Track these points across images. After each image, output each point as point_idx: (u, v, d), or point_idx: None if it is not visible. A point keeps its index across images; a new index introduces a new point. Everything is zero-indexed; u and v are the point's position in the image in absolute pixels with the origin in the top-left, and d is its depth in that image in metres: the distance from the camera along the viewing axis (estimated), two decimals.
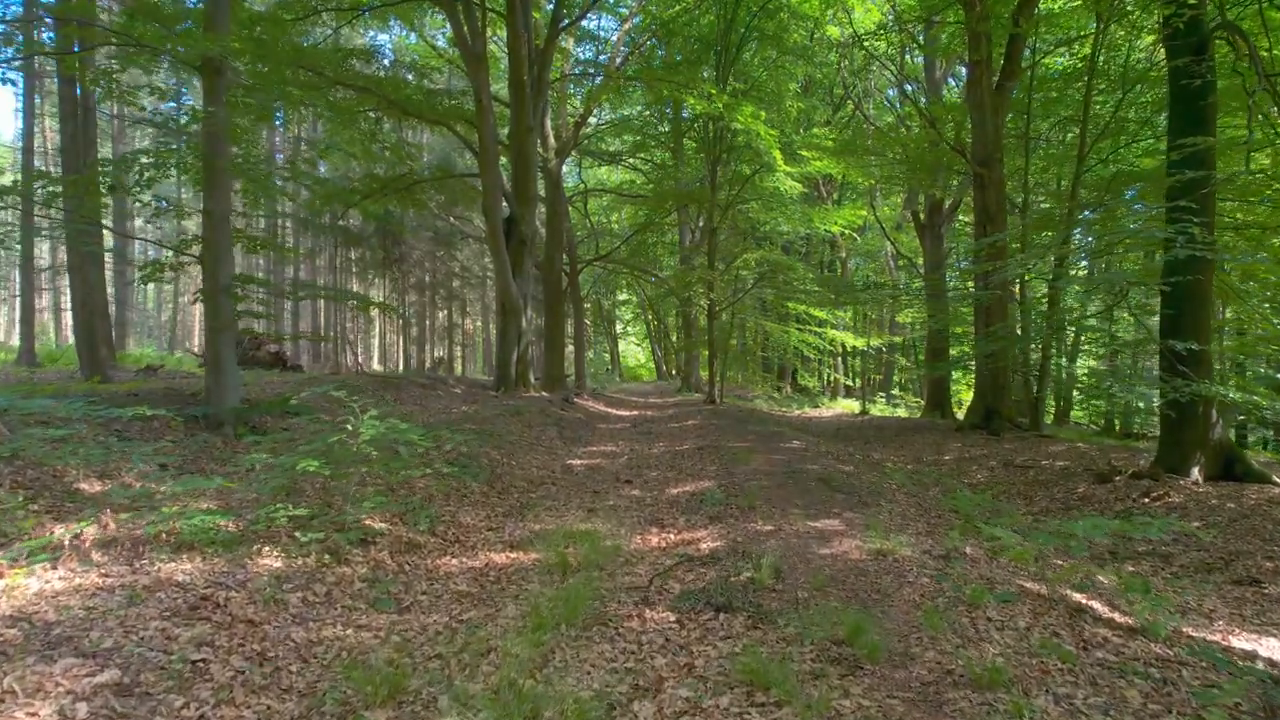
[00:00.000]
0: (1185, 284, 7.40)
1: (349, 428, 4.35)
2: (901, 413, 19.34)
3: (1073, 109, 14.13)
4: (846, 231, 20.43)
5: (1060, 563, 4.73)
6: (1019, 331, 12.08)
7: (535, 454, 8.61)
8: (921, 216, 18.23)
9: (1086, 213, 12.79)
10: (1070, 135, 14.98)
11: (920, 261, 19.17)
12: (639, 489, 6.81)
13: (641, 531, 5.21)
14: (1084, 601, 3.88)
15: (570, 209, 25.95)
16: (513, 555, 4.59)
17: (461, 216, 21.03)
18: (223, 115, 6.58)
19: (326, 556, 3.96)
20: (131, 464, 5.02)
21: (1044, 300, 14.09)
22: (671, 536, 5.04)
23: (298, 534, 3.98)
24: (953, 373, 18.66)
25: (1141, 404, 16.41)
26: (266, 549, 3.89)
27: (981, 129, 13.08)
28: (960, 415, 18.33)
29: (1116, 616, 3.69)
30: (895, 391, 21.40)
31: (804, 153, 16.66)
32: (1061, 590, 4.02)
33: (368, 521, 4.66)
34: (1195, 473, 7.63)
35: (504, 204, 15.06)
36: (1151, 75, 12.99)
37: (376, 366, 33.94)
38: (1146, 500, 7.11)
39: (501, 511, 5.79)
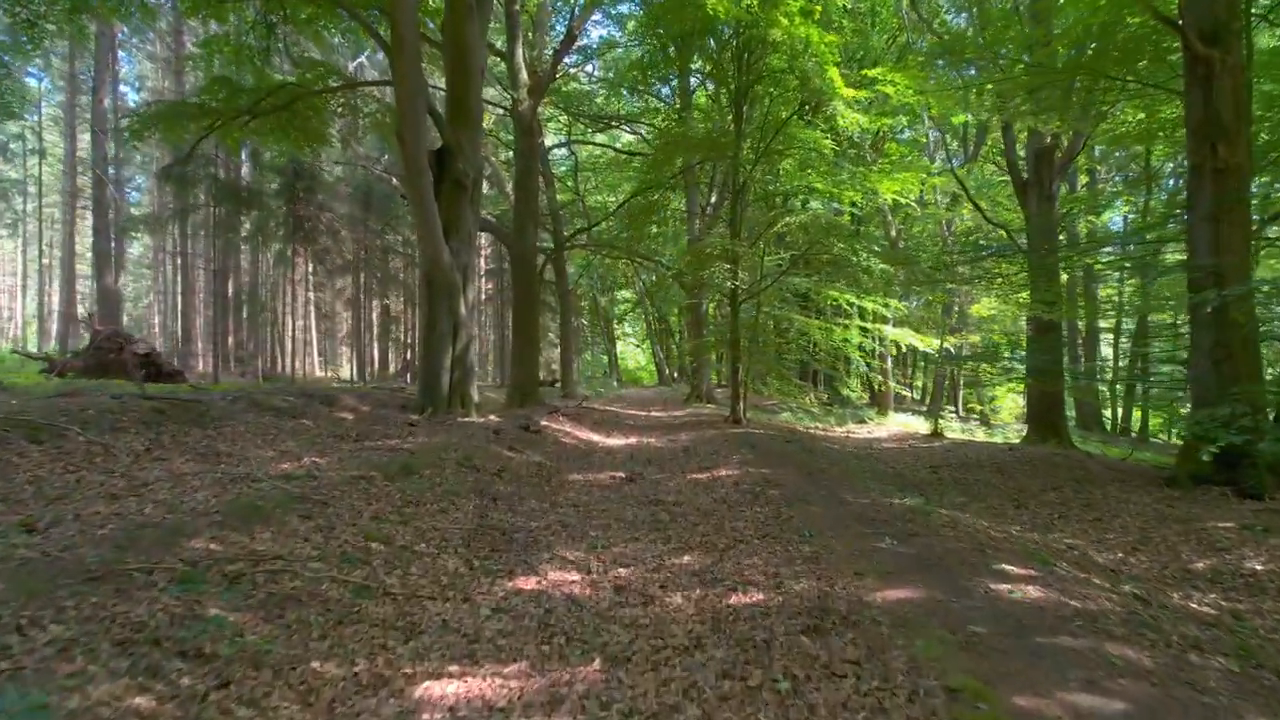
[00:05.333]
0: None
1: None
2: (982, 436, 13.51)
3: None
4: (906, 200, 14.60)
5: None
6: None
7: (342, 661, 2.80)
8: (1023, 168, 12.39)
9: None
10: None
11: (1022, 231, 13.28)
12: None
13: None
14: None
15: (559, 185, 20.14)
16: None
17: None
18: None
19: None
20: None
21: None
22: None
23: None
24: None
25: None
26: None
27: None
28: (1078, 441, 12.49)
29: None
30: (988, 409, 15.46)
31: (870, 73, 10.84)
32: None
33: None
34: None
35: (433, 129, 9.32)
36: None
37: (345, 374, 28.12)
38: None
39: None
